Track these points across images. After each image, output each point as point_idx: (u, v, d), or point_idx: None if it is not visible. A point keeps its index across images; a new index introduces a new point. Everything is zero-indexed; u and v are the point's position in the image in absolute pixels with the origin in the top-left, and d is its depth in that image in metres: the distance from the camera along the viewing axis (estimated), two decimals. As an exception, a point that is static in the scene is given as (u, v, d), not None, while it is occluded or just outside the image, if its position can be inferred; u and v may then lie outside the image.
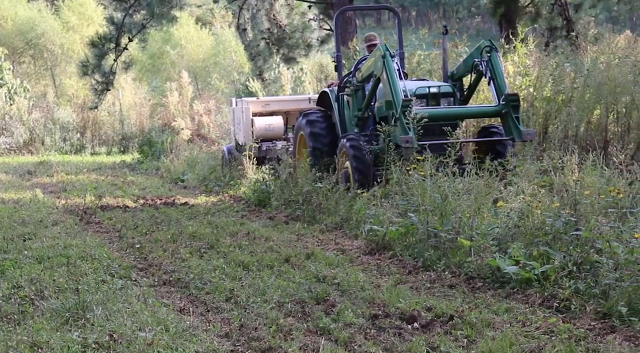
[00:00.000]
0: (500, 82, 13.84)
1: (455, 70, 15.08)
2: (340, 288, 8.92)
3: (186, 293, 9.03)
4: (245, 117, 20.03)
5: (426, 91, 14.32)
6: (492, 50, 14.01)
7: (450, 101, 14.49)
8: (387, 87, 13.73)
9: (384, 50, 13.87)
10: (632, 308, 7.24)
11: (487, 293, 8.54)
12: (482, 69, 14.11)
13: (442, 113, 14.00)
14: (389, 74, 13.72)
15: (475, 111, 14.95)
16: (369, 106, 15.10)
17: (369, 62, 14.60)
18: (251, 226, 13.45)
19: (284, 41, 26.79)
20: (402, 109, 13.21)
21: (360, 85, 15.35)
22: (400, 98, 13.39)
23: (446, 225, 10.17)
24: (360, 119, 15.30)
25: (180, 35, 45.83)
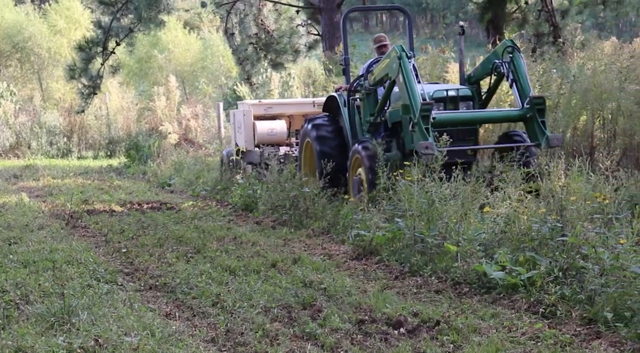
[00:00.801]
0: (524, 84, 13.07)
1: (473, 73, 14.23)
2: (327, 294, 8.91)
3: (172, 298, 9.01)
4: (247, 120, 19.29)
5: (444, 94, 13.48)
6: (514, 51, 13.22)
7: (470, 105, 13.69)
8: (404, 91, 12.92)
9: (399, 51, 13.08)
10: (618, 314, 7.24)
11: (474, 299, 8.54)
12: (504, 71, 13.28)
13: (462, 117, 13.33)
14: (406, 76, 12.90)
15: (497, 115, 14.20)
16: (382, 111, 14.25)
17: (383, 64, 13.76)
18: (238, 231, 13.44)
19: (271, 46, 26.81)
20: (421, 114, 12.40)
21: (372, 88, 14.53)
22: (418, 102, 12.54)
23: (433, 230, 10.17)
24: (373, 125, 14.40)
25: (168, 40, 45.82)
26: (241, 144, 19.31)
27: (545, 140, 12.68)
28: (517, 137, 13.42)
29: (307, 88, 23.35)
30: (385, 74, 13.65)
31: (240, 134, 19.46)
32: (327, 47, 24.26)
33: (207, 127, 30.57)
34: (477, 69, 14.24)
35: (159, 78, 42.77)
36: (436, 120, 12.55)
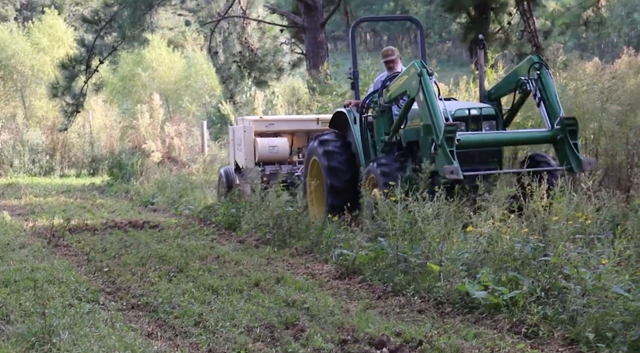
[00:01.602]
0: (553, 103, 12.27)
1: (494, 89, 13.43)
2: (310, 313, 8.90)
3: (154, 318, 8.98)
4: (247, 137, 18.40)
5: (466, 113, 12.72)
6: (542, 67, 12.42)
7: (493, 124, 12.92)
8: (425, 110, 12.12)
9: (419, 67, 12.33)
10: (600, 334, 7.25)
11: (456, 319, 8.54)
12: (530, 88, 12.45)
13: (488, 139, 12.55)
14: (427, 94, 12.12)
15: (525, 137, 13.16)
16: (398, 130, 13.49)
17: (401, 81, 13.02)
18: (221, 250, 13.42)
19: (255, 64, 26.85)
20: (445, 135, 11.60)
21: (387, 106, 13.78)
22: (441, 123, 11.75)
23: (416, 250, 10.18)
24: (387, 144, 13.62)
25: (151, 58, 45.79)
26: (241, 162, 18.56)
27: (578, 163, 11.99)
28: (542, 160, 12.81)
29: (290, 107, 23.41)
30: (403, 91, 12.98)
31: (240, 151, 18.65)
32: (311, 65, 24.32)
33: (190, 145, 30.56)
34: (498, 85, 13.56)
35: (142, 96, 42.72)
36: (460, 142, 11.81)
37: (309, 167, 14.90)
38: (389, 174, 12.52)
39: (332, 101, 20.32)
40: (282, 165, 17.94)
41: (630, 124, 13.42)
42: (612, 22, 24.35)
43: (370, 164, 13.21)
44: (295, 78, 32.08)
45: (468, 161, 12.02)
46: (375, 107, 13.96)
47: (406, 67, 13.44)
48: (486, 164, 12.39)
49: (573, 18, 22.38)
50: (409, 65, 12.89)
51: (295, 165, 17.88)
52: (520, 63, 13.33)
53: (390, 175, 12.40)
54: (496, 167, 12.71)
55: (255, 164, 18.05)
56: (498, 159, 12.86)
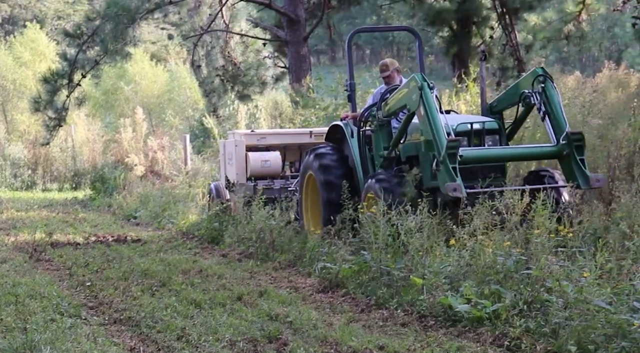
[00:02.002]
0: (558, 117, 11.79)
1: (496, 102, 12.95)
2: (293, 327, 8.90)
3: (137, 332, 8.96)
4: (239, 151, 17.74)
5: (468, 128, 12.17)
6: (546, 80, 11.96)
7: (496, 139, 12.41)
8: (426, 125, 11.65)
9: (420, 80, 11.84)
10: (582, 347, 7.28)
11: (439, 332, 8.55)
12: (534, 102, 12.00)
13: (492, 155, 12.06)
14: (429, 109, 11.64)
15: (530, 152, 12.60)
16: (397, 144, 13.00)
17: (400, 94, 12.57)
18: (204, 263, 13.42)
19: (238, 78, 26.87)
20: (447, 151, 11.13)
21: (386, 119, 13.28)
22: (443, 138, 11.26)
23: (399, 263, 10.21)
24: (387, 159, 13.08)
25: (134, 72, 45.82)
26: (232, 177, 17.94)
27: (585, 180, 11.47)
28: (546, 175, 12.28)
29: (274, 120, 23.44)
30: (402, 105, 12.56)
31: (231, 165, 18.06)
32: (294, 79, 24.37)
33: (173, 159, 30.52)
34: (500, 97, 13.06)
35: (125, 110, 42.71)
36: (463, 158, 11.30)
37: (304, 181, 14.47)
38: (389, 189, 12.04)
39: (314, 115, 20.35)
40: (274, 180, 17.35)
41: (612, 138, 13.43)
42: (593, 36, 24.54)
43: (369, 179, 12.70)
44: (278, 92, 32.13)
45: (470, 177, 11.52)
46: (373, 121, 13.45)
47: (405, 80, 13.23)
48: (489, 179, 11.65)
49: (554, 32, 22.54)
50: (409, 78, 12.47)
51: (288, 179, 17.35)
52: (524, 75, 13.08)
53: (390, 191, 11.96)
54: (500, 182, 12.04)
55: (247, 179, 17.57)
56: (502, 174, 12.31)
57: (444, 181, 11.09)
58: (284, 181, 17.23)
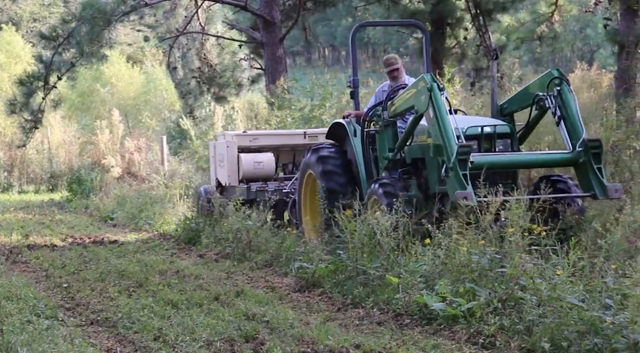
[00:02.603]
0: (575, 123, 11.13)
1: (507, 104, 12.26)
2: (270, 326, 8.94)
3: (114, 333, 8.98)
4: (230, 153, 17.18)
5: (478, 131, 11.54)
6: (562, 83, 11.30)
7: (507, 143, 11.73)
8: (436, 128, 11.06)
9: (429, 81, 11.25)
10: (555, 344, 7.36)
11: (415, 330, 8.63)
12: (549, 106, 11.38)
13: (504, 161, 11.41)
14: (438, 111, 11.04)
15: (543, 159, 11.87)
16: (403, 147, 12.36)
17: (408, 94, 11.97)
18: (181, 264, 13.45)
19: (214, 80, 26.92)
20: (457, 157, 10.53)
21: (391, 120, 12.70)
22: (453, 143, 10.67)
23: (375, 262, 10.28)
24: (392, 161, 12.51)
25: (110, 74, 45.67)
26: (223, 180, 17.38)
27: (602, 189, 10.82)
28: (559, 183, 11.67)
29: (250, 121, 23.47)
30: (410, 106, 11.93)
31: (222, 168, 17.47)
32: (270, 80, 24.41)
33: (150, 160, 30.49)
34: (512, 99, 12.36)
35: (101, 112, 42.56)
36: (474, 164, 10.65)
37: (303, 181, 13.98)
38: (393, 193, 11.49)
39: (290, 115, 20.40)
40: (268, 182, 16.73)
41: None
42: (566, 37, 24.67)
43: (373, 184, 12.08)
44: (254, 93, 32.17)
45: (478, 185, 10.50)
46: (378, 121, 12.84)
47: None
48: (500, 185, 10.76)
49: (527, 33, 22.69)
50: (417, 78, 11.86)
51: (282, 182, 16.70)
52: (538, 76, 12.31)
53: (394, 195, 11.37)
54: (511, 188, 11.14)
55: (239, 182, 17.06)
56: (513, 181, 11.60)
57: (453, 188, 10.50)
58: (277, 183, 16.61)
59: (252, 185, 16.53)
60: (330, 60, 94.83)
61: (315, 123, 19.51)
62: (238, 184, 16.93)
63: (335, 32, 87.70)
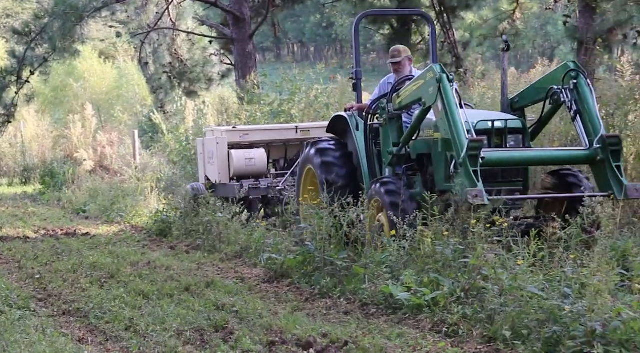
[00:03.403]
0: (592, 118, 10.43)
1: (518, 98, 11.51)
2: (239, 316, 9.07)
3: (85, 323, 9.08)
4: (221, 149, 16.56)
5: (489, 126, 10.73)
6: (579, 76, 10.61)
7: (519, 139, 10.92)
8: (445, 122, 10.32)
9: (439, 72, 10.50)
10: (516, 332, 7.50)
11: (381, 319, 8.77)
12: (564, 99, 10.67)
13: (517, 158, 10.68)
14: (448, 104, 10.31)
15: (558, 156, 11.09)
16: (409, 141, 11.53)
17: (415, 86, 11.15)
18: (152, 255, 13.53)
19: (185, 75, 26.97)
20: (468, 153, 9.80)
21: (397, 113, 11.85)
22: (463, 138, 9.95)
23: (342, 253, 10.44)
24: (396, 156, 11.67)
25: (83, 69, 45.52)
26: (213, 177, 16.71)
27: (621, 189, 10.09)
28: (571, 178, 11.02)
29: (220, 116, 23.51)
30: (417, 98, 11.12)
31: (212, 165, 16.79)
32: (240, 76, 24.49)
33: (122, 154, 30.49)
34: (524, 93, 11.60)
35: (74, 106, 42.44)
36: (485, 160, 9.97)
37: (302, 177, 13.18)
38: (395, 192, 10.81)
39: (260, 110, 20.49)
40: (260, 179, 16.13)
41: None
42: (527, 34, 24.81)
43: (375, 184, 11.28)
44: (225, 88, 32.19)
45: (489, 180, 10.12)
46: (382, 114, 11.96)
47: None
48: (510, 183, 10.60)
49: (490, 30, 22.83)
50: (426, 69, 11.11)
51: (276, 178, 16.22)
52: (553, 69, 11.79)
53: (397, 193, 10.76)
54: (521, 187, 10.91)
55: (230, 179, 16.52)
56: (524, 178, 11.03)
57: (463, 186, 9.75)
58: (270, 180, 16.08)
59: (244, 182, 15.96)
60: (300, 56, 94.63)
61: (284, 117, 19.62)
62: (229, 182, 16.48)
63: (304, 28, 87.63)
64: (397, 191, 10.76)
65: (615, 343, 6.69)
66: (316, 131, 16.28)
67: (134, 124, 35.00)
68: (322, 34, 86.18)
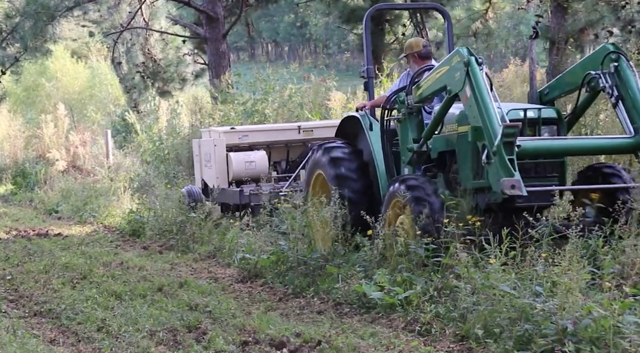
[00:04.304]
0: (636, 103, 9.59)
1: (548, 89, 10.62)
2: (212, 316, 9.08)
3: (57, 324, 9.07)
4: (218, 151, 15.57)
5: (521, 115, 9.73)
6: (620, 58, 9.77)
7: (553, 130, 9.94)
8: (475, 109, 9.29)
9: (466, 54, 9.51)
10: (488, 330, 7.53)
11: (354, 319, 8.80)
12: (603, 85, 9.80)
13: (555, 147, 9.73)
14: (477, 89, 9.30)
15: (601, 145, 10.22)
16: (431, 136, 10.49)
17: (438, 74, 10.11)
18: (125, 256, 13.50)
19: (158, 75, 26.95)
20: (503, 139, 8.82)
21: (418, 106, 10.72)
22: (496, 123, 8.96)
23: (315, 253, 10.45)
24: (417, 154, 10.56)
25: (56, 68, 45.33)
26: (210, 181, 15.82)
27: None
28: (607, 169, 10.20)
29: (194, 115, 23.48)
30: (440, 87, 10.07)
31: (209, 168, 15.86)
32: (214, 75, 24.50)
33: (95, 154, 30.39)
34: (554, 84, 10.74)
35: (47, 106, 42.26)
36: (521, 149, 9.02)
37: (311, 182, 12.16)
38: (419, 187, 9.87)
39: (233, 110, 20.48)
40: (261, 184, 14.94)
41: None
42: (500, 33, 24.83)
43: (395, 183, 10.17)
44: (199, 87, 32.18)
45: (521, 175, 8.92)
46: (401, 108, 10.79)
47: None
48: (546, 178, 9.70)
49: (463, 29, 22.96)
50: (451, 54, 10.08)
51: (278, 183, 15.08)
52: (589, 54, 10.81)
53: (421, 188, 9.82)
54: (557, 183, 9.86)
55: (229, 184, 15.55)
56: (560, 174, 9.96)
57: (497, 176, 8.86)
58: (272, 185, 14.91)
59: (244, 187, 15.00)
60: (274, 55, 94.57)
61: (257, 117, 19.61)
62: (228, 186, 15.51)
63: (278, 28, 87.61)
64: (421, 186, 9.85)
65: (586, 341, 6.72)
66: (320, 131, 15.65)
67: (107, 124, 34.89)
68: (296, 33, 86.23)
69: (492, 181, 9.01)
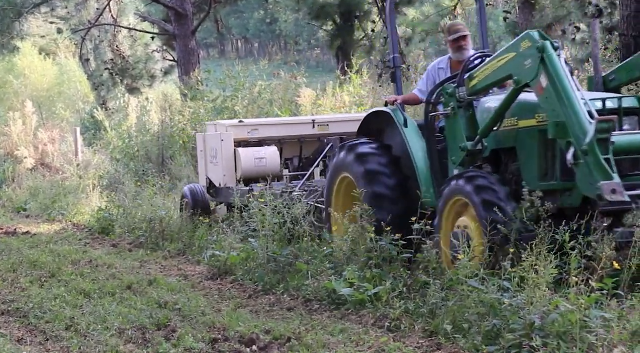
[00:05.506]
0: None
1: (614, 75, 9.39)
2: (182, 314, 9.04)
3: (25, 323, 9.02)
4: (226, 147, 14.42)
5: (599, 106, 8.47)
6: None
7: (634, 121, 8.70)
8: (555, 101, 8.06)
9: (539, 39, 8.30)
10: (457, 326, 7.58)
11: (324, 315, 8.81)
12: None
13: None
14: (558, 78, 8.06)
15: None
16: (489, 133, 9.20)
17: (500, 61, 8.85)
18: (94, 254, 13.44)
19: (127, 72, 26.93)
20: (597, 136, 7.67)
21: (470, 99, 9.42)
22: (584, 119, 7.77)
23: (285, 250, 10.46)
24: (470, 153, 9.26)
25: (23, 65, 45.08)
26: (216, 179, 14.69)
27: None
28: None
29: (164, 112, 23.44)
30: (503, 76, 8.95)
31: (215, 165, 14.68)
32: (183, 72, 24.49)
33: (64, 151, 30.26)
34: (622, 68, 9.48)
35: (14, 103, 42.00)
36: (615, 146, 7.86)
37: (334, 187, 10.92)
38: (489, 188, 8.75)
39: (203, 107, 20.46)
40: (273, 183, 13.19)
41: None
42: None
43: (456, 181, 9.08)
44: (168, 84, 32.15)
45: None
46: (449, 102, 9.46)
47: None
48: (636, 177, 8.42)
49: (432, 26, 23.10)
50: (518, 38, 8.78)
51: (290, 182, 13.96)
52: None
53: (491, 190, 8.72)
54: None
55: (237, 182, 14.33)
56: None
57: (590, 179, 7.73)
58: (284, 184, 13.72)
59: (254, 186, 13.57)
60: (244, 52, 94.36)
61: (227, 114, 19.60)
62: (236, 185, 14.19)
63: (248, 24, 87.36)
64: (491, 187, 8.70)
65: (554, 335, 6.76)
66: (335, 125, 14.77)
67: (76, 121, 34.74)
68: (266, 30, 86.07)
69: (582, 185, 7.94)
